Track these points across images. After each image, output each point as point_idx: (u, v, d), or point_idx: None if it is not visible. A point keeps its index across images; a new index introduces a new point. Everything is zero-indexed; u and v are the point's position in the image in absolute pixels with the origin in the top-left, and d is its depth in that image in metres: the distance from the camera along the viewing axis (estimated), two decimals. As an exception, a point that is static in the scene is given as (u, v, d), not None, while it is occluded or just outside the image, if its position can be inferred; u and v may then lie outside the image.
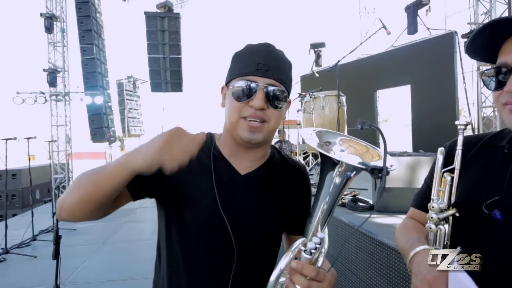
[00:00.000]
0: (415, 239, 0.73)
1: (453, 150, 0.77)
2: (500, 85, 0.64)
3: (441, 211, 0.70)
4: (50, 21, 8.07)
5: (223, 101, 0.85)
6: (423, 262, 0.64)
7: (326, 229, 0.72)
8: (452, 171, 0.75)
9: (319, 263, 0.65)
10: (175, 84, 9.48)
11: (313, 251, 0.64)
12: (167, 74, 9.31)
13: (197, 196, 0.80)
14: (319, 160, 4.51)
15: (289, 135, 7.06)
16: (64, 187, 7.64)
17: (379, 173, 0.60)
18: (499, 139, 0.72)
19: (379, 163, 0.63)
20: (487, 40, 0.65)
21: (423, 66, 5.98)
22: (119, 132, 12.20)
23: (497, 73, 0.64)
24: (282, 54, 0.82)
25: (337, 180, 0.67)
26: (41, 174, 8.20)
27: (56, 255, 1.92)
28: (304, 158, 5.84)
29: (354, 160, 0.70)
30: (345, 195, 2.85)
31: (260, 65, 0.76)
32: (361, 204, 2.50)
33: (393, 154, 2.57)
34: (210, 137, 0.88)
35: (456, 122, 0.75)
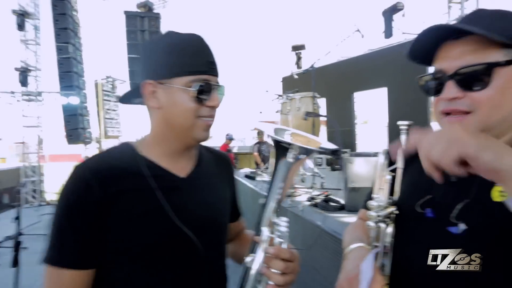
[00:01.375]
0: (355, 238, 0.74)
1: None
2: (437, 92, 0.64)
3: (380, 209, 0.71)
4: (22, 18, 7.79)
5: (153, 101, 0.75)
6: (353, 259, 0.66)
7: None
8: (394, 170, 0.77)
9: (285, 246, 0.67)
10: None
11: (284, 234, 0.68)
12: (146, 74, 9.12)
13: (145, 220, 0.72)
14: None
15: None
16: (35, 191, 7.35)
17: (336, 153, 0.62)
18: None
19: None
20: (426, 45, 0.65)
21: (399, 70, 6.15)
22: (97, 133, 11.88)
23: (434, 79, 0.65)
24: None
25: (289, 164, 0.68)
26: (11, 177, 7.86)
27: (15, 262, 1.83)
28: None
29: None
30: (318, 195, 2.88)
31: (212, 63, 0.75)
32: (332, 204, 2.53)
33: (368, 155, 2.62)
34: (128, 149, 0.78)
35: (399, 122, 0.77)
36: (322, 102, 7.53)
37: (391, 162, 0.82)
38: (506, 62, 0.56)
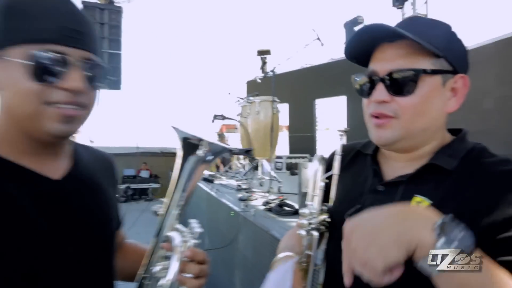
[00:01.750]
0: (286, 246, 0.73)
1: (344, 156, 0.78)
2: (370, 94, 0.63)
3: (313, 217, 0.68)
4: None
5: None
6: (275, 268, 0.65)
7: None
8: (330, 177, 0.75)
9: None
10: (113, 82, 8.91)
11: (196, 235, 0.63)
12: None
13: (8, 242, 0.53)
14: (253, 163, 4.48)
15: (227, 139, 7.02)
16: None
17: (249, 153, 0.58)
18: (368, 147, 0.73)
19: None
20: (363, 45, 0.64)
21: (357, 79, 6.41)
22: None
23: (368, 81, 0.64)
24: (85, 13, 0.63)
25: (196, 165, 0.63)
26: None
27: None
28: (250, 162, 5.83)
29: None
30: (273, 199, 2.87)
31: (73, 31, 0.56)
32: (286, 208, 2.52)
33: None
34: None
35: (337, 128, 0.76)
36: (284, 107, 7.68)
37: (328, 169, 0.81)
38: (432, 71, 0.57)
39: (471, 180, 0.54)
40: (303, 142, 7.49)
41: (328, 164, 0.81)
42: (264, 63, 10.48)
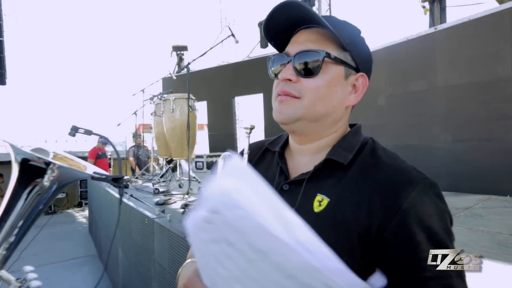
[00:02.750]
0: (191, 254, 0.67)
1: (250, 154, 0.75)
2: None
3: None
4: None
5: None
6: (184, 273, 0.62)
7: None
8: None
9: None
10: (-6, 74, 7.41)
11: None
12: (-20, 60, 7.16)
13: None
14: (171, 165, 4.26)
15: (144, 140, 6.55)
16: None
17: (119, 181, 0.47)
18: (276, 144, 0.72)
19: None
20: (281, 30, 0.64)
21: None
22: None
23: (281, 64, 0.64)
24: None
25: (41, 196, 0.49)
26: None
27: None
28: (168, 163, 5.51)
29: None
30: (192, 201, 2.76)
31: None
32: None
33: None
34: None
35: (242, 126, 0.72)
36: (202, 105, 7.53)
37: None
38: (335, 58, 0.60)
39: (366, 176, 0.56)
40: (223, 140, 7.47)
41: None
42: (180, 59, 10.12)
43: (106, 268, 3.57)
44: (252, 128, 0.72)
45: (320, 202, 0.56)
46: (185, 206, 2.63)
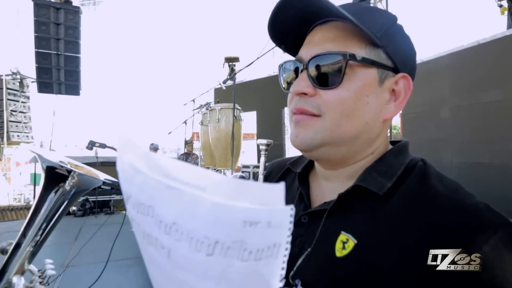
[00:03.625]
0: None
1: (269, 175, 0.64)
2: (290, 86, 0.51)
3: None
4: None
5: None
6: None
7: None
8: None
9: None
10: (71, 86, 8.40)
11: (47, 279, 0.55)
12: (60, 73, 8.18)
13: None
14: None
15: (193, 148, 6.79)
16: None
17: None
18: (299, 164, 0.60)
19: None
20: (289, 27, 0.51)
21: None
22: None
23: (294, 70, 0.51)
24: None
25: (62, 199, 0.54)
26: None
27: None
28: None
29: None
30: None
31: None
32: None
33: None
34: None
35: (258, 141, 0.61)
36: (252, 115, 7.59)
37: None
38: (364, 59, 0.45)
39: (411, 212, 0.41)
40: (272, 150, 7.41)
41: None
42: (232, 70, 10.42)
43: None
44: (269, 144, 0.61)
45: (344, 244, 0.42)
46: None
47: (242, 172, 6.05)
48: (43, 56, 7.59)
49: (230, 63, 10.63)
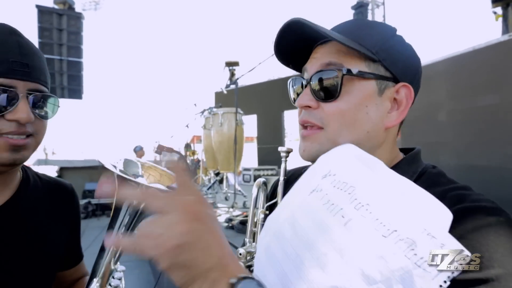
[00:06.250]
0: None
1: (288, 180, 0.69)
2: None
3: (251, 257, 0.60)
4: None
5: None
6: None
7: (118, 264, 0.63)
8: (273, 206, 0.68)
9: None
10: (74, 91, 8.48)
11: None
12: (63, 78, 8.26)
13: None
14: (218, 177, 4.35)
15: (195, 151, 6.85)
16: None
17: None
18: None
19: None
20: (293, 48, 0.56)
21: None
22: None
23: (300, 85, 0.56)
24: (34, 45, 0.68)
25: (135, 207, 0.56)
26: None
27: None
28: (216, 175, 5.69)
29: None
30: (237, 216, 2.78)
31: (17, 63, 0.60)
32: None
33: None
34: None
35: (279, 149, 0.68)
36: (252, 118, 7.66)
37: (272, 195, 0.73)
38: (360, 73, 0.49)
39: None
40: (272, 153, 7.49)
41: (272, 190, 0.74)
42: (232, 74, 10.50)
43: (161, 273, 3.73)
44: (289, 151, 0.67)
45: None
46: (229, 220, 2.66)
47: (244, 175, 6.12)
48: (47, 62, 7.70)
49: (230, 67, 10.74)
